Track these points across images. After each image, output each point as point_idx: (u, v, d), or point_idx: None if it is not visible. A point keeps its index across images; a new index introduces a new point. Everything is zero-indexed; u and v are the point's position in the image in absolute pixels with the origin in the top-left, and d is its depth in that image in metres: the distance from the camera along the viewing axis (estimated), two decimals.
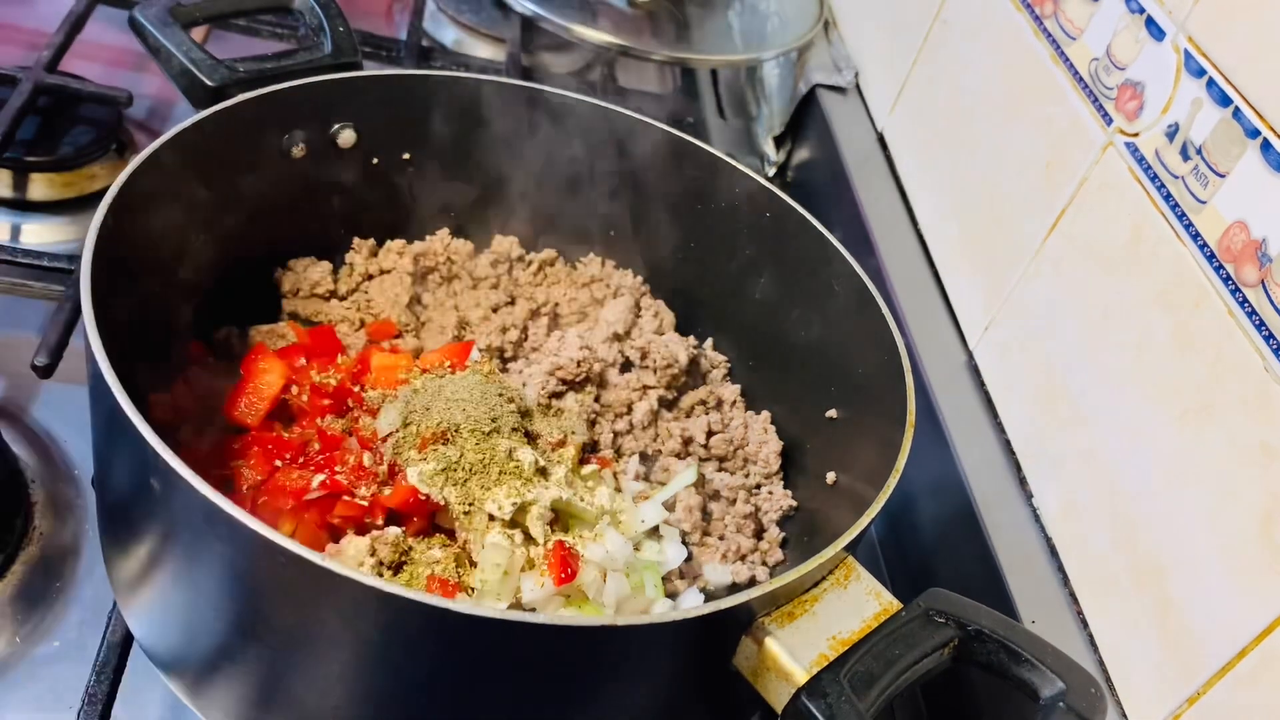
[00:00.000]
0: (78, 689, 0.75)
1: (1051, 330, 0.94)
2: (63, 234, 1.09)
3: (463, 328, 0.98)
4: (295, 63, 0.88)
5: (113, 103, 1.12)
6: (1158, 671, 0.77)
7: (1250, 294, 0.74)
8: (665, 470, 0.92)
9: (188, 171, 0.79)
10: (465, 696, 0.60)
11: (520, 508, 0.75)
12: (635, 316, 0.99)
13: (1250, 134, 0.75)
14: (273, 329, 0.90)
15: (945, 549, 0.97)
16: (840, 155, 1.31)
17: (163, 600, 0.65)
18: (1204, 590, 0.75)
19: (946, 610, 0.62)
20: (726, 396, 0.97)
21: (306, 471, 0.77)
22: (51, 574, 0.84)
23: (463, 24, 1.52)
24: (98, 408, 0.65)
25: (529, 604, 0.74)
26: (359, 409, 0.84)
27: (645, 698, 0.65)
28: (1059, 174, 0.96)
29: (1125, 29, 0.91)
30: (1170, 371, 0.80)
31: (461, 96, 0.94)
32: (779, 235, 0.92)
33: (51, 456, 0.91)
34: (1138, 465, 0.82)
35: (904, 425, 0.73)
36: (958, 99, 1.16)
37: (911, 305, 1.11)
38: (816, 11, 1.48)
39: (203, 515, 0.56)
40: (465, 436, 0.77)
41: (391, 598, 0.53)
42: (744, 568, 0.86)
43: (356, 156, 0.94)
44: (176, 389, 0.81)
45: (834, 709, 0.55)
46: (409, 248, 0.98)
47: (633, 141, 0.96)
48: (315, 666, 0.61)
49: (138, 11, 0.85)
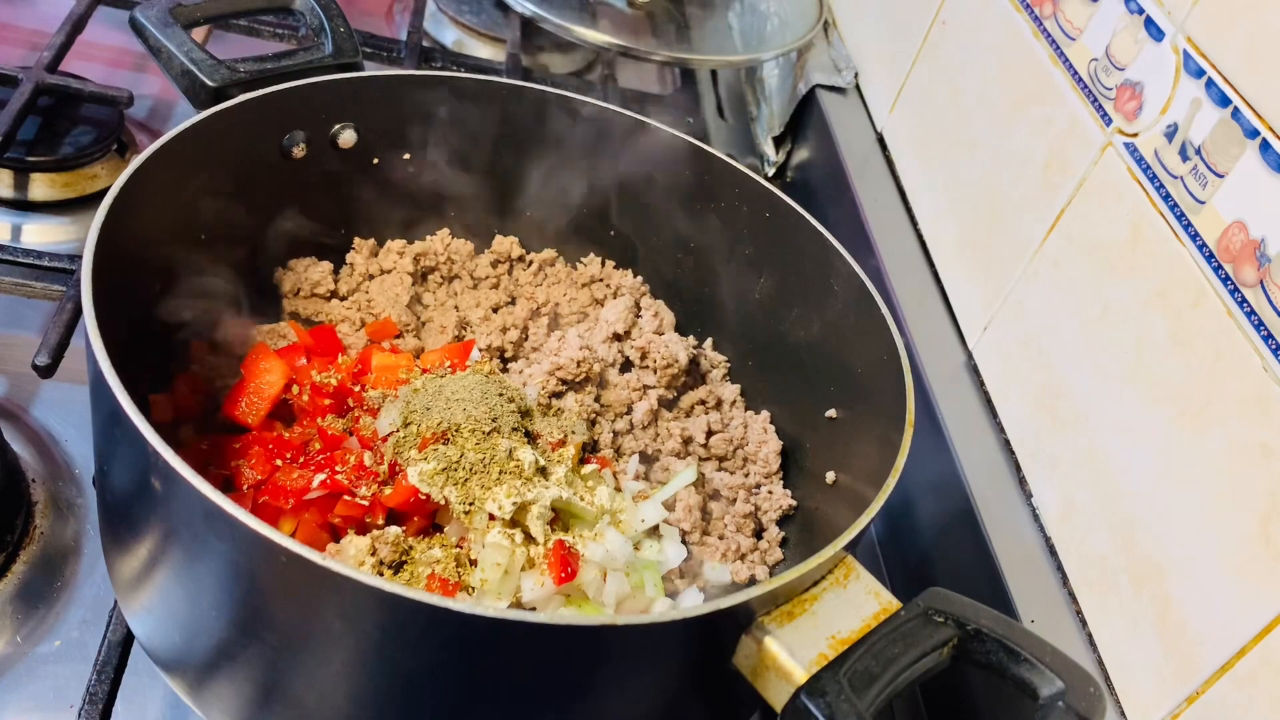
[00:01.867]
0: (79, 688, 0.75)
1: (1050, 330, 0.95)
2: (63, 234, 1.09)
3: (463, 327, 0.98)
4: (296, 63, 0.88)
5: (113, 103, 1.13)
6: (1157, 671, 0.77)
7: (1249, 294, 0.74)
8: (665, 470, 0.92)
9: (188, 172, 0.80)
10: (465, 696, 0.60)
11: (520, 507, 0.75)
12: (635, 316, 0.99)
13: (1249, 134, 0.75)
14: (273, 329, 0.90)
15: (944, 548, 0.97)
16: (840, 155, 1.31)
17: (163, 599, 0.66)
18: (1203, 590, 0.75)
19: (946, 609, 0.62)
20: (726, 396, 0.98)
21: (307, 471, 0.77)
22: (52, 573, 0.84)
23: (463, 24, 1.53)
24: (98, 407, 0.65)
25: (529, 603, 0.74)
26: (359, 409, 0.84)
27: (645, 697, 0.65)
28: (1058, 174, 0.97)
29: (1124, 29, 0.91)
30: (1169, 371, 0.80)
31: (461, 97, 0.94)
32: (779, 235, 0.92)
33: (52, 456, 0.91)
34: (1137, 465, 0.82)
35: (903, 425, 0.73)
36: (957, 99, 1.16)
37: (911, 305, 1.12)
38: (816, 12, 1.48)
39: (203, 515, 0.56)
40: (465, 436, 0.78)
41: (391, 597, 0.53)
42: (743, 567, 0.86)
43: (357, 156, 0.94)
44: (177, 389, 0.81)
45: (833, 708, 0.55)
46: (409, 248, 0.98)
47: (633, 142, 0.96)
48: (315, 666, 0.61)
49: (138, 12, 0.85)
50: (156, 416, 0.78)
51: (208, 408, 0.82)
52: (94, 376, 0.61)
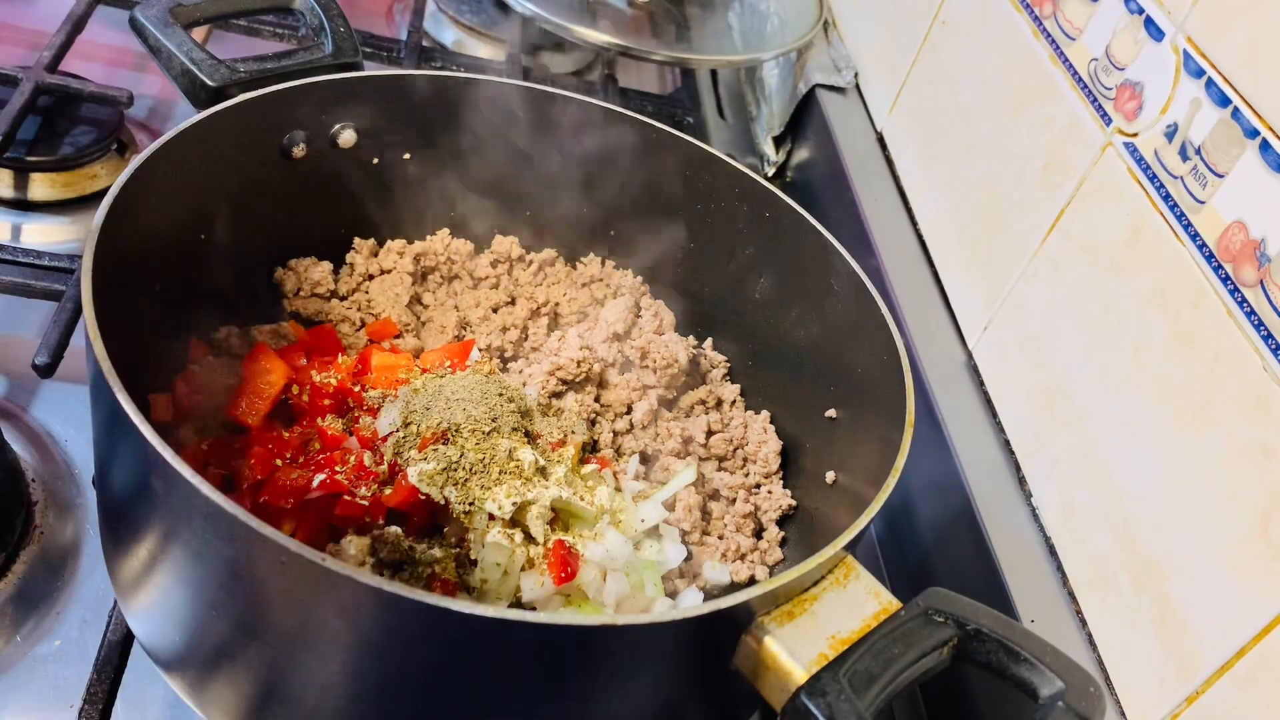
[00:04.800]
0: (78, 687, 0.75)
1: (1050, 330, 0.95)
2: (63, 234, 1.10)
3: (463, 327, 0.98)
4: (296, 63, 0.88)
5: (113, 103, 1.13)
6: (1156, 671, 0.77)
7: (1249, 294, 0.74)
8: (665, 470, 0.92)
9: (188, 171, 0.80)
10: (465, 696, 0.60)
11: (520, 507, 0.75)
12: (635, 316, 0.99)
13: (1249, 134, 0.75)
14: (273, 329, 0.90)
15: (944, 548, 0.97)
16: (840, 155, 1.31)
17: (163, 599, 0.66)
18: (1203, 590, 0.75)
19: (946, 609, 0.62)
20: (726, 396, 0.98)
21: (307, 471, 0.77)
22: (52, 573, 0.84)
23: (463, 24, 1.53)
24: (98, 407, 0.65)
25: (529, 603, 0.74)
26: (359, 409, 0.84)
27: (645, 697, 0.65)
28: (1058, 174, 0.97)
29: (1124, 29, 0.91)
30: (1169, 371, 0.80)
31: (462, 96, 0.94)
32: (779, 235, 0.92)
33: (52, 456, 0.91)
34: (1136, 465, 0.82)
35: (903, 425, 0.73)
36: (957, 99, 1.16)
37: (911, 305, 1.12)
38: (816, 12, 1.48)
39: (203, 515, 0.56)
40: (465, 436, 0.78)
41: (391, 597, 0.53)
42: (743, 567, 0.86)
43: (357, 156, 0.94)
44: (177, 389, 0.81)
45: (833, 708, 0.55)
46: (409, 248, 0.98)
47: (633, 142, 0.96)
48: (315, 666, 0.61)
49: (138, 11, 0.85)
50: (156, 416, 0.78)
51: (207, 408, 0.82)
52: (94, 376, 0.61)
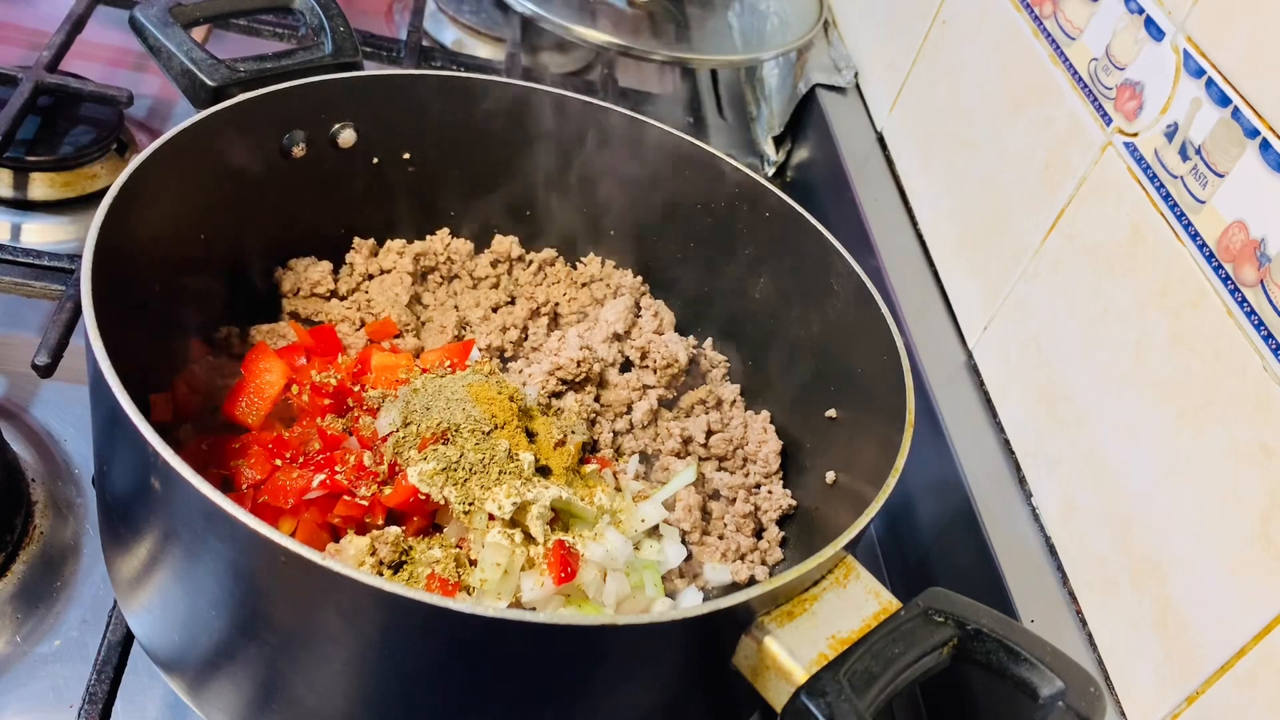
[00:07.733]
0: (78, 688, 0.75)
1: (1050, 330, 0.95)
2: (63, 234, 1.10)
3: (463, 327, 0.98)
4: (295, 63, 0.88)
5: (113, 102, 1.13)
6: (1157, 671, 0.77)
7: (1249, 294, 0.74)
8: (665, 470, 0.92)
9: (188, 171, 0.80)
10: (465, 696, 0.60)
11: (520, 507, 0.75)
12: (635, 316, 0.99)
13: (1249, 134, 0.75)
14: (273, 328, 0.90)
15: (944, 548, 0.97)
16: (840, 155, 1.31)
17: (163, 599, 0.66)
18: (1203, 590, 0.75)
19: (946, 609, 0.62)
20: (726, 396, 0.98)
21: (306, 471, 0.77)
22: (52, 573, 0.84)
23: (463, 24, 1.53)
24: (98, 407, 0.65)
25: (529, 603, 0.74)
26: (359, 408, 0.84)
27: (645, 697, 0.65)
28: (1058, 174, 0.96)
29: (1124, 29, 0.91)
30: (1169, 371, 0.80)
31: (461, 96, 0.94)
32: (779, 235, 0.92)
33: (52, 456, 0.91)
34: (1136, 465, 0.82)
35: (903, 425, 0.73)
36: (957, 99, 1.16)
37: (911, 305, 1.11)
38: (816, 11, 1.48)
39: (203, 515, 0.56)
40: (465, 436, 0.78)
41: (391, 597, 0.53)
42: (743, 567, 0.86)
43: (356, 156, 0.94)
44: (176, 389, 0.81)
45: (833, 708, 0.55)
46: (409, 248, 0.98)
47: (632, 141, 0.96)
48: (315, 666, 0.61)
49: (138, 11, 0.85)
50: (156, 416, 0.78)
51: (208, 408, 0.82)
52: (94, 376, 0.61)
